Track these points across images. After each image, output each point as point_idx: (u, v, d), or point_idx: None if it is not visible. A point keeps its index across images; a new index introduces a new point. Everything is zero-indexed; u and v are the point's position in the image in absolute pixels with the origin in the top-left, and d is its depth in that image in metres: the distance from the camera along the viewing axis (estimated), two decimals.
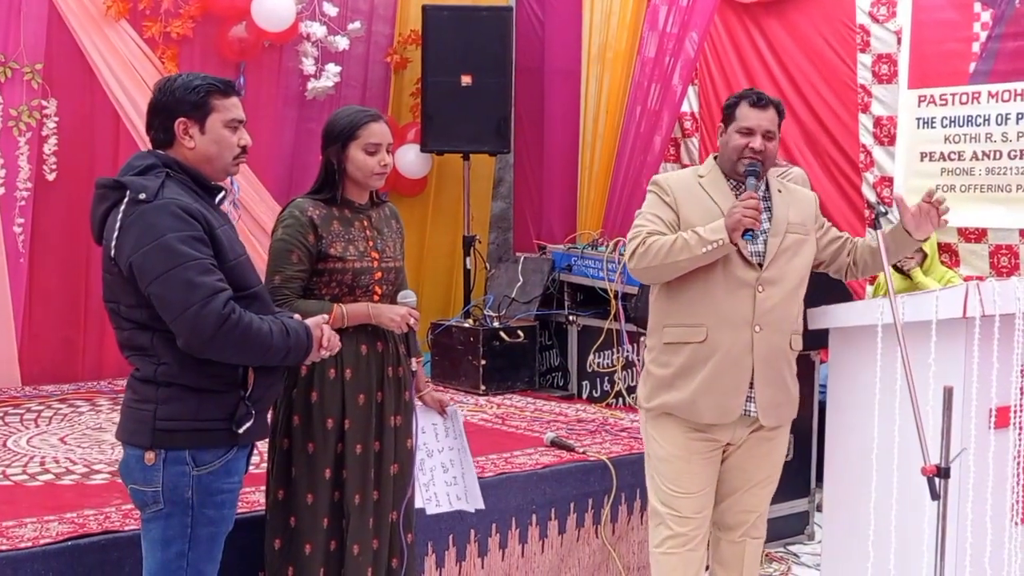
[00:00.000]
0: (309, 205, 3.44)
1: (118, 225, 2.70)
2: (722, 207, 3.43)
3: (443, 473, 3.73)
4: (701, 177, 3.56)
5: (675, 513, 3.51)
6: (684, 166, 7.36)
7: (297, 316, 2.96)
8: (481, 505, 3.84)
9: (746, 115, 3.48)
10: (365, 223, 3.52)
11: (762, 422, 3.47)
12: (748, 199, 3.33)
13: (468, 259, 7.16)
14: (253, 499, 3.89)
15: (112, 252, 2.72)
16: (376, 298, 3.50)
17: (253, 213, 6.60)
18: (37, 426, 5.20)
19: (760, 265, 3.43)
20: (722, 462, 3.58)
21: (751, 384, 3.43)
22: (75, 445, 4.81)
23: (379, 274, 3.50)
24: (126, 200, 2.70)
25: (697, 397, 3.42)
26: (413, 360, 3.61)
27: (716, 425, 3.46)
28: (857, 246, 3.71)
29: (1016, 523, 3.52)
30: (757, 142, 3.45)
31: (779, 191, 3.59)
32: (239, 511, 3.05)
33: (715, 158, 3.60)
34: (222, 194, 2.94)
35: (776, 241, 3.46)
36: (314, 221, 3.40)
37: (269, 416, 3.45)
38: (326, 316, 2.98)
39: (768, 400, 3.46)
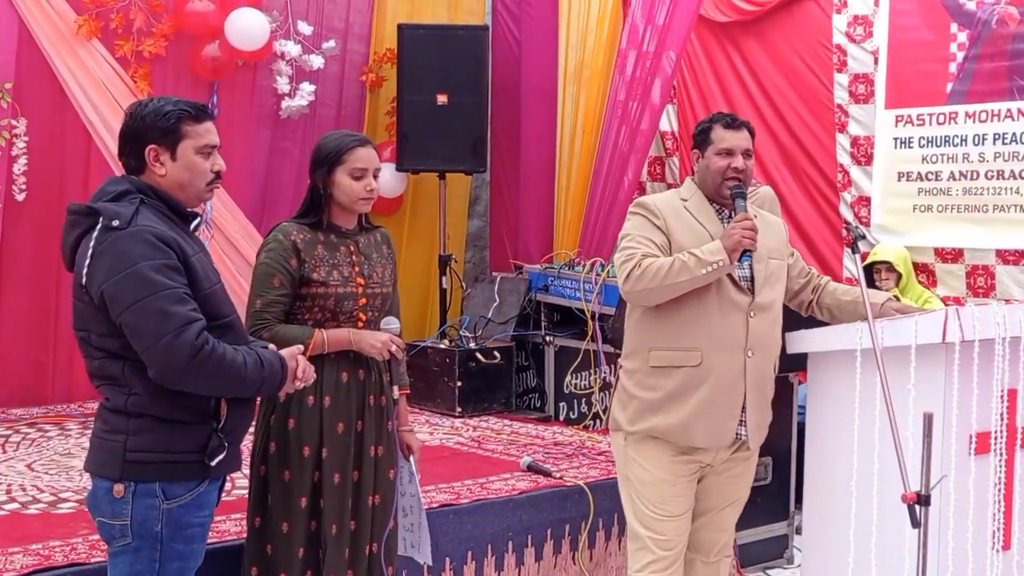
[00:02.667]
0: (294, 229, 3.41)
1: (90, 252, 2.64)
2: (709, 230, 3.46)
3: (402, 517, 3.66)
4: (685, 200, 3.55)
5: (659, 537, 3.49)
6: (669, 184, 7.39)
7: (272, 346, 2.90)
8: (430, 561, 3.77)
9: (723, 137, 3.51)
10: (352, 248, 3.47)
11: (751, 445, 3.52)
12: (744, 220, 3.36)
13: (444, 278, 7.11)
14: (224, 528, 3.82)
15: (84, 280, 2.66)
16: (360, 324, 3.45)
17: (226, 233, 6.52)
18: (4, 452, 5.11)
19: (751, 290, 3.45)
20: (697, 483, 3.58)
21: (743, 408, 3.44)
22: (42, 472, 4.73)
23: (364, 300, 3.45)
24: (99, 227, 2.65)
25: (691, 421, 3.41)
26: (395, 389, 3.54)
27: (705, 448, 3.47)
28: (825, 289, 3.73)
29: (998, 550, 3.49)
30: (739, 161, 3.48)
31: (754, 216, 3.59)
32: (208, 541, 2.99)
33: (693, 181, 3.61)
34: (197, 220, 2.89)
35: (762, 267, 3.49)
36: (297, 245, 3.37)
37: (248, 444, 3.40)
38: (301, 347, 2.93)
39: (756, 423, 3.50)
